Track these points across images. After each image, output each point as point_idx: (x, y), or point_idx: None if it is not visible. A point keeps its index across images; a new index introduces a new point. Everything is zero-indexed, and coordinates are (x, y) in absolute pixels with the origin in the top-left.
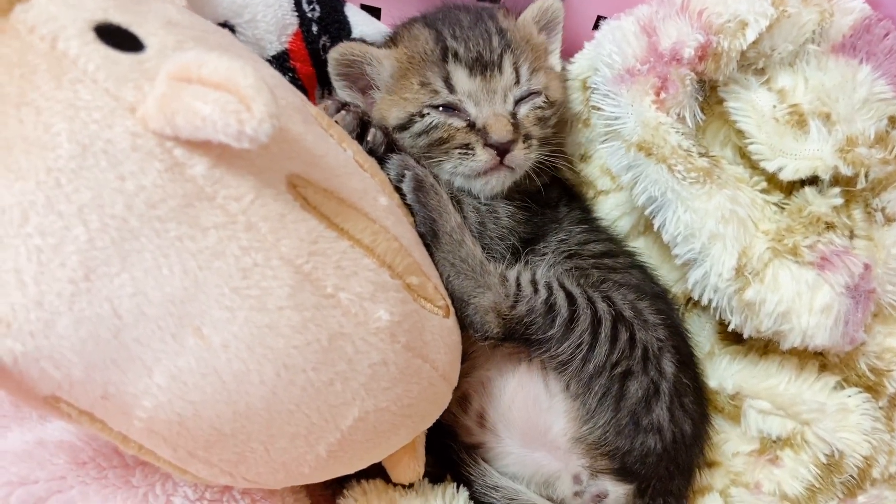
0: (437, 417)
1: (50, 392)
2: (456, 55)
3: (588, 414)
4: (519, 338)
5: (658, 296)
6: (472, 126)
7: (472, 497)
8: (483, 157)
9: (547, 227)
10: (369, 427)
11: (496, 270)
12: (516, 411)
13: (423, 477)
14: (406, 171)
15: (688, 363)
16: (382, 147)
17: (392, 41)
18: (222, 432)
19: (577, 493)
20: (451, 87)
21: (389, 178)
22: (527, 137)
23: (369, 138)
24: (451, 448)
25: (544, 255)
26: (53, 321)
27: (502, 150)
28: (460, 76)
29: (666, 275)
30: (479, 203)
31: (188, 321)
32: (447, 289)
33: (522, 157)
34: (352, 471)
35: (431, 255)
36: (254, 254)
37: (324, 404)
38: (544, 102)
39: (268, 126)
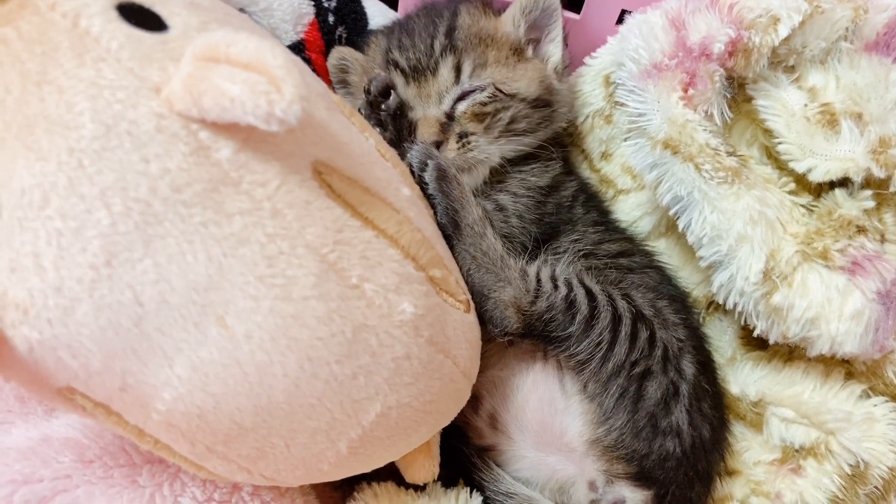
0: (456, 415)
1: (65, 383)
2: (396, 65)
3: (605, 415)
4: (538, 334)
5: (676, 297)
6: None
7: (485, 503)
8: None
9: (560, 229)
10: (391, 423)
11: (516, 265)
12: (530, 413)
13: (436, 481)
14: (429, 161)
15: (707, 366)
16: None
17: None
18: (243, 426)
19: (593, 501)
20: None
21: (412, 168)
22: (463, 135)
23: (390, 101)
24: (463, 452)
25: (563, 252)
26: (73, 308)
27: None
28: (398, 85)
29: (687, 277)
30: (486, 201)
31: (212, 310)
32: (467, 282)
33: (455, 156)
34: (369, 469)
35: (452, 247)
36: (279, 241)
37: (346, 399)
38: (490, 97)
39: (297, 108)
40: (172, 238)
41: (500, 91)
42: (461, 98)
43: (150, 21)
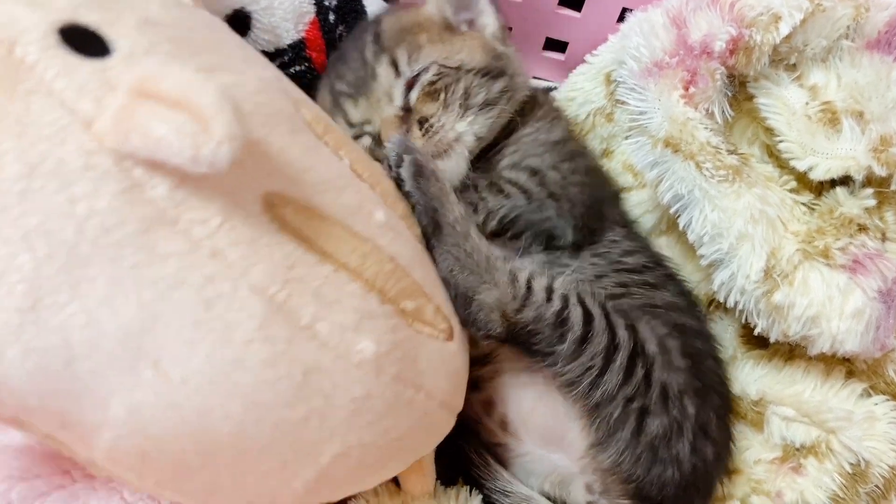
0: (438, 443)
1: (13, 415)
2: (342, 93)
3: (598, 439)
4: (521, 343)
5: (691, 329)
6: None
7: (484, 501)
8: None
9: (603, 214)
10: (352, 462)
11: (506, 267)
12: (537, 418)
13: (436, 479)
14: (406, 155)
15: (710, 401)
16: None
17: None
18: (189, 466)
19: (590, 503)
20: (350, 123)
21: (389, 162)
22: (423, 121)
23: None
24: (462, 448)
25: (566, 265)
26: (2, 352)
27: None
28: (349, 109)
29: (688, 276)
30: (519, 172)
31: (145, 354)
32: (449, 284)
33: (424, 143)
34: (338, 499)
35: (432, 249)
36: (219, 283)
37: (298, 441)
38: (436, 74)
39: (226, 150)
40: (101, 281)
41: (445, 66)
42: (410, 87)
43: (93, 45)
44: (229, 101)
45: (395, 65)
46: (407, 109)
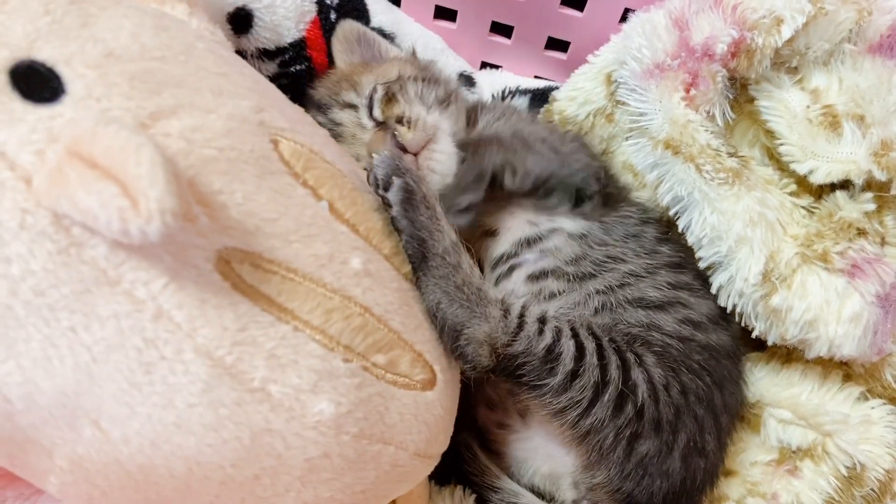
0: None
1: None
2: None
3: (590, 462)
4: (509, 375)
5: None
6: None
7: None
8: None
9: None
10: None
11: (497, 299)
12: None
13: (430, 479)
14: (395, 178)
15: (710, 425)
16: None
17: None
18: None
19: (575, 501)
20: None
21: (376, 181)
22: (399, 119)
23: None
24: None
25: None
26: None
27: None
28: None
29: None
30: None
31: (83, 413)
32: (436, 316)
33: (413, 136)
34: None
35: (418, 279)
36: (161, 346)
37: (249, 496)
38: (385, 89)
39: (156, 226)
40: (36, 342)
41: (386, 82)
42: (369, 109)
43: (45, 86)
44: (166, 168)
45: (347, 105)
46: (379, 123)
